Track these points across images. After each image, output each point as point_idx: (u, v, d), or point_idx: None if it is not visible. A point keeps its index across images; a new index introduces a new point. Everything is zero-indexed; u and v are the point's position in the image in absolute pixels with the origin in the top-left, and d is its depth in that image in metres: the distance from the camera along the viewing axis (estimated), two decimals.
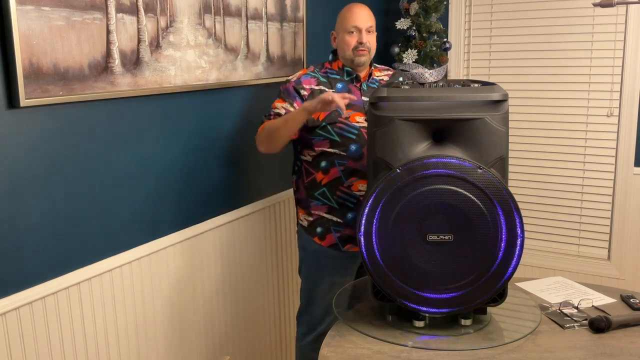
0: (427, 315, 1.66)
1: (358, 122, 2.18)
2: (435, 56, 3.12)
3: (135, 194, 1.98)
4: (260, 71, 2.48)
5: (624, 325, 1.66)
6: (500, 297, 1.63)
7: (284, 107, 2.21)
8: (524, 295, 1.88)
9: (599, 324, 1.63)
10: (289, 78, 2.28)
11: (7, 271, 1.62)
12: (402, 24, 3.12)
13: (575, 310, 1.76)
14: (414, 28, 3.10)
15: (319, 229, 2.27)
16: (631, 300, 1.82)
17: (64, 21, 1.66)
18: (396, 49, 3.13)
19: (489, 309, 1.71)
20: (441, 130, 1.62)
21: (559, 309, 1.77)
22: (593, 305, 1.80)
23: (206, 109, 2.24)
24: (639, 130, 3.06)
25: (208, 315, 2.33)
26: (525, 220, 1.58)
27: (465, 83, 1.72)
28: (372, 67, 2.32)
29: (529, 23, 3.25)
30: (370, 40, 2.24)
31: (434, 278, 1.57)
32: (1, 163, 1.58)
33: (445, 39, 3.23)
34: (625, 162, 3.11)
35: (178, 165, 2.14)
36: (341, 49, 2.25)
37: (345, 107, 1.98)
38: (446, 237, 1.55)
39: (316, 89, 2.22)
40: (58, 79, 1.66)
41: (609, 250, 3.23)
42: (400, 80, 2.32)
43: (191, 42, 2.10)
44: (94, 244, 1.85)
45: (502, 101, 1.60)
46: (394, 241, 1.57)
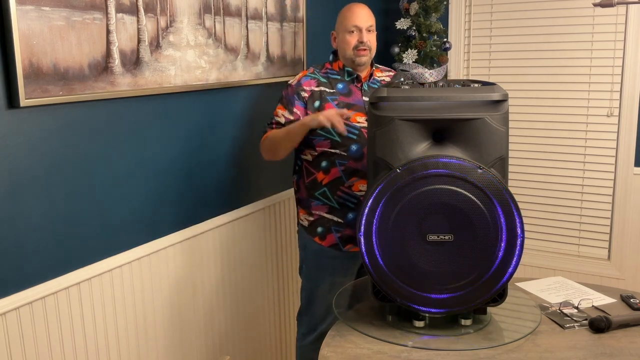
0: (427, 315, 1.66)
1: (359, 122, 2.18)
2: (435, 56, 3.13)
3: (135, 194, 1.98)
4: (260, 71, 2.48)
5: (624, 325, 1.65)
6: (500, 297, 1.63)
7: (284, 115, 2.22)
8: (524, 295, 1.88)
9: (599, 324, 1.63)
10: (290, 82, 2.28)
11: (7, 271, 1.62)
12: (402, 24, 3.12)
13: (575, 310, 1.76)
14: (414, 28, 3.10)
15: (319, 229, 2.27)
16: (631, 300, 1.82)
17: (64, 21, 1.66)
18: (396, 49, 3.13)
19: (489, 309, 1.71)
20: (441, 130, 1.62)
21: (559, 309, 1.77)
22: (593, 305, 1.80)
23: (206, 109, 2.24)
24: (639, 130, 3.06)
25: (208, 315, 2.33)
26: (525, 220, 1.58)
27: (465, 83, 1.72)
28: (373, 68, 2.32)
29: (529, 23, 3.25)
30: (371, 39, 2.24)
31: (434, 278, 1.57)
32: (1, 163, 1.58)
33: (445, 39, 3.23)
34: (625, 162, 3.11)
35: (178, 165, 2.14)
36: (341, 48, 2.25)
37: (343, 127, 2.02)
38: (446, 237, 1.55)
39: (316, 90, 2.22)
40: (58, 79, 1.66)
41: (609, 250, 3.23)
42: (400, 80, 2.31)
43: (191, 42, 2.10)
44: (94, 244, 1.86)
45: (502, 101, 1.60)
46: (394, 241, 1.57)
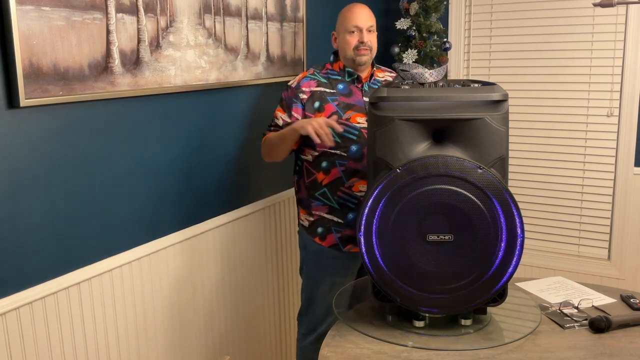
0: (427, 315, 1.66)
1: (359, 123, 2.18)
2: (435, 56, 3.12)
3: (135, 194, 1.98)
4: (260, 71, 2.47)
5: (624, 325, 1.65)
6: (500, 297, 1.63)
7: (282, 118, 2.23)
8: (524, 295, 1.88)
9: (599, 324, 1.63)
10: (289, 83, 2.28)
11: (7, 271, 1.62)
12: (402, 24, 3.12)
13: (575, 310, 1.76)
14: (414, 28, 3.10)
15: (319, 229, 2.27)
16: (631, 300, 1.82)
17: (64, 21, 1.66)
18: (396, 49, 3.13)
19: (489, 309, 1.71)
20: (441, 130, 1.62)
21: (559, 309, 1.77)
22: (593, 305, 1.80)
23: (206, 109, 2.24)
24: (639, 130, 3.06)
25: (208, 315, 2.33)
26: (525, 220, 1.58)
27: (465, 83, 1.72)
28: (374, 68, 2.32)
29: (529, 23, 3.25)
30: (371, 39, 2.24)
31: (434, 278, 1.57)
32: (1, 163, 1.58)
33: (445, 39, 3.23)
34: (625, 162, 3.11)
35: (178, 165, 2.14)
36: (342, 49, 2.25)
37: (330, 140, 2.03)
38: (446, 237, 1.55)
39: (316, 90, 2.22)
40: (58, 79, 1.66)
41: (609, 250, 3.23)
42: (400, 80, 2.31)
43: (191, 42, 2.10)
44: (94, 244, 1.86)
45: (502, 101, 1.60)
46: (394, 241, 1.57)
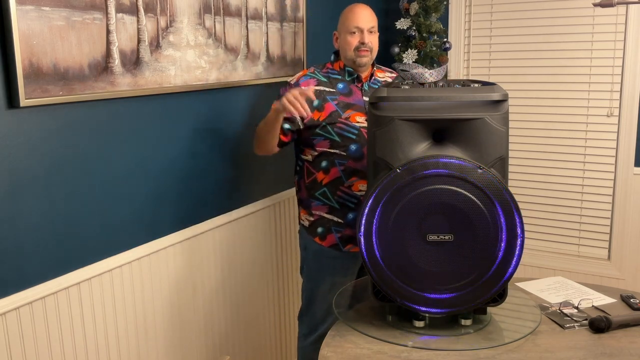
0: (427, 315, 1.66)
1: (358, 122, 2.18)
2: (435, 56, 3.12)
3: (135, 194, 1.98)
4: (260, 71, 2.47)
5: (624, 325, 1.66)
6: (500, 297, 1.63)
7: None
8: (524, 295, 1.88)
9: (599, 324, 1.63)
10: (289, 80, 2.28)
11: (7, 271, 1.62)
12: (402, 24, 3.12)
13: (575, 310, 1.76)
14: (414, 28, 3.10)
15: (319, 229, 2.27)
16: (631, 300, 1.82)
17: (64, 21, 1.66)
18: (396, 49, 3.13)
19: (489, 309, 1.71)
20: (441, 130, 1.62)
21: (559, 309, 1.77)
22: (593, 305, 1.80)
23: (206, 109, 2.24)
24: (639, 130, 3.06)
25: (208, 315, 2.33)
26: (525, 220, 1.58)
27: (465, 83, 1.72)
28: (374, 68, 2.32)
29: (529, 23, 3.25)
30: (372, 40, 2.24)
31: (434, 278, 1.57)
32: (1, 163, 1.58)
33: (445, 39, 3.23)
34: (625, 162, 3.11)
35: (178, 165, 2.14)
36: (343, 49, 2.25)
37: (302, 112, 1.95)
38: (446, 237, 1.55)
39: (316, 89, 2.22)
40: (58, 79, 1.66)
41: (609, 250, 3.23)
42: (400, 80, 2.31)
43: (191, 42, 2.10)
44: (94, 244, 1.85)
45: (502, 101, 1.60)
46: (394, 241, 1.57)
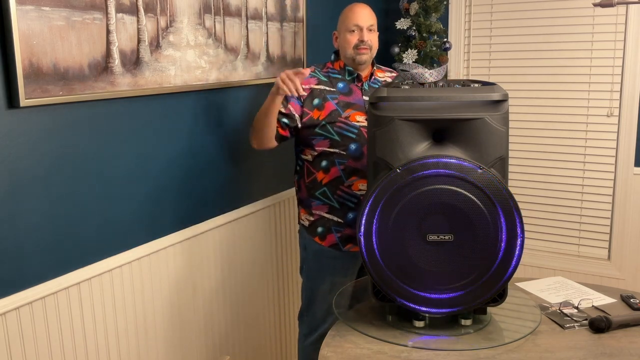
0: (427, 315, 1.66)
1: (358, 122, 2.18)
2: (435, 56, 3.12)
3: (135, 193, 1.98)
4: (260, 71, 2.47)
5: (624, 325, 1.66)
6: (500, 297, 1.63)
7: None
8: (524, 295, 1.88)
9: (599, 324, 1.63)
10: None
11: (7, 271, 1.62)
12: (402, 24, 3.12)
13: (575, 310, 1.76)
14: (414, 28, 3.10)
15: (319, 229, 2.27)
16: (631, 300, 1.82)
17: (64, 21, 1.66)
18: (396, 49, 3.13)
19: (489, 309, 1.71)
20: (441, 130, 1.62)
21: (559, 309, 1.77)
22: (593, 305, 1.80)
23: (206, 109, 2.24)
24: (639, 130, 3.06)
25: (208, 315, 2.33)
26: (525, 220, 1.58)
27: (465, 83, 1.72)
28: (374, 68, 2.32)
29: (529, 23, 3.25)
30: (372, 38, 2.24)
31: (434, 278, 1.57)
32: (1, 163, 1.58)
33: (445, 39, 3.23)
34: (625, 162, 3.11)
35: (178, 165, 2.14)
36: (342, 47, 2.25)
37: (300, 87, 2.01)
38: (446, 237, 1.55)
39: (316, 88, 2.22)
40: (58, 79, 1.66)
41: (609, 250, 3.23)
42: (400, 80, 2.31)
43: (191, 42, 2.10)
44: (94, 244, 1.85)
45: (502, 101, 1.60)
46: (394, 241, 1.57)
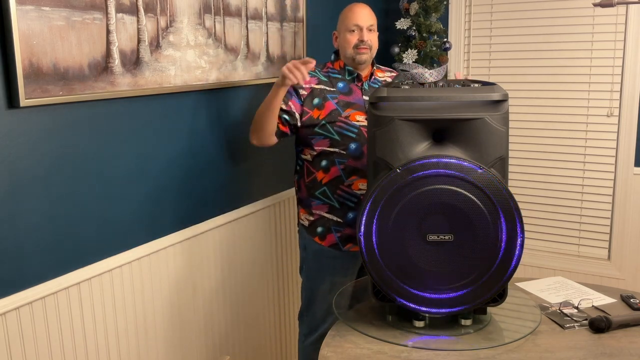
0: (427, 315, 1.66)
1: (358, 121, 2.18)
2: (435, 56, 3.12)
3: (135, 194, 1.98)
4: (260, 71, 2.47)
5: (624, 325, 1.66)
6: (500, 297, 1.63)
7: None
8: (524, 295, 1.88)
9: (599, 324, 1.63)
10: None
11: (7, 271, 1.62)
12: (402, 24, 3.11)
13: (575, 310, 1.76)
14: (414, 28, 3.10)
15: (319, 229, 2.27)
16: (631, 300, 1.82)
17: (64, 21, 1.66)
18: (396, 49, 3.13)
19: (489, 309, 1.71)
20: (441, 130, 1.62)
21: (559, 309, 1.77)
22: (593, 305, 1.80)
23: (206, 109, 2.24)
24: (639, 130, 3.06)
25: (208, 315, 2.33)
26: (525, 220, 1.58)
27: (465, 83, 1.72)
28: (374, 67, 2.32)
29: (529, 23, 3.25)
30: (372, 38, 2.24)
31: (434, 278, 1.57)
32: (1, 163, 1.58)
33: (445, 39, 3.23)
34: (625, 162, 3.11)
35: (178, 165, 2.14)
36: (342, 47, 2.26)
37: (306, 74, 2.04)
38: (446, 237, 1.55)
39: (316, 87, 2.22)
40: (58, 79, 1.66)
41: (609, 250, 3.23)
42: (400, 80, 2.31)
43: (191, 42, 2.10)
44: (94, 244, 1.85)
45: (502, 101, 1.60)
46: (394, 241, 1.57)
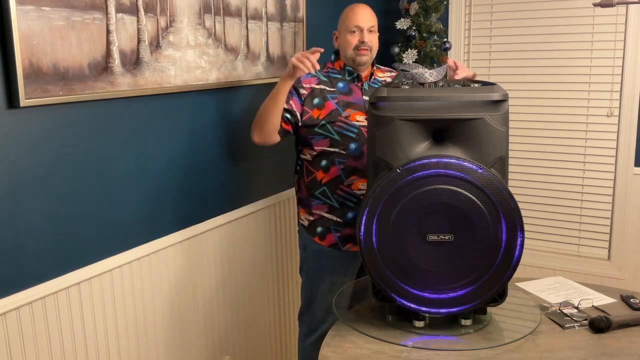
0: (427, 315, 1.66)
1: (358, 121, 2.18)
2: (435, 56, 3.12)
3: (135, 194, 1.98)
4: (260, 71, 2.47)
5: (624, 325, 1.66)
6: (500, 297, 1.63)
7: None
8: (524, 295, 1.88)
9: (599, 324, 1.63)
10: None
11: (7, 271, 1.62)
12: (402, 24, 3.11)
13: (575, 310, 1.76)
14: (414, 28, 3.10)
15: (319, 229, 2.27)
16: (631, 300, 1.82)
17: (64, 21, 1.66)
18: (396, 49, 3.13)
19: (489, 309, 1.71)
20: (441, 130, 1.62)
21: (559, 309, 1.77)
22: (593, 305, 1.80)
23: (206, 109, 2.24)
24: (639, 130, 3.06)
25: (208, 315, 2.33)
26: (525, 220, 1.58)
27: (465, 83, 1.72)
28: (374, 68, 2.32)
29: (529, 23, 3.25)
30: (372, 39, 2.24)
31: (434, 278, 1.57)
32: (1, 163, 1.58)
33: (445, 39, 3.23)
34: (625, 162, 3.11)
35: (178, 165, 2.14)
36: (343, 48, 2.26)
37: (316, 63, 2.05)
38: (446, 237, 1.55)
39: (316, 87, 2.22)
40: (58, 79, 1.66)
41: (609, 250, 3.23)
42: (400, 80, 2.31)
43: (191, 42, 2.10)
44: (94, 244, 1.85)
45: (502, 101, 1.60)
46: (394, 241, 1.57)
